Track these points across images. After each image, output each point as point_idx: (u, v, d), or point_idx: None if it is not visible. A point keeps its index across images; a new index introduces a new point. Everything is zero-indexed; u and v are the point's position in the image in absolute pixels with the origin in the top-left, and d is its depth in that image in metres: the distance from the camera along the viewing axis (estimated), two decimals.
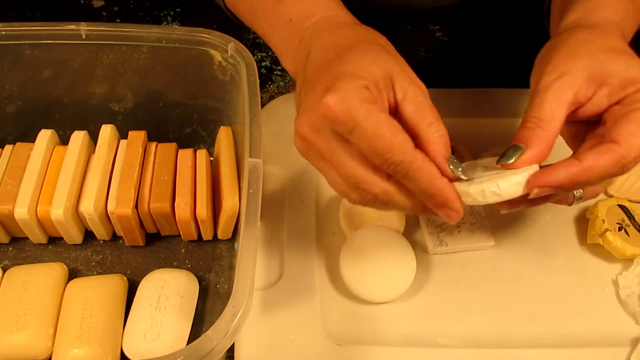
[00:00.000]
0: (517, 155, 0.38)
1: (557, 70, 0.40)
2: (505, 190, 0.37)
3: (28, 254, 0.52)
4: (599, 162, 0.36)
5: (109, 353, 0.44)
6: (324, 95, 0.35)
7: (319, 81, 0.37)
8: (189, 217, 0.49)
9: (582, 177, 0.37)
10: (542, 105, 0.39)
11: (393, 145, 0.35)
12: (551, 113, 0.39)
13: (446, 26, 0.72)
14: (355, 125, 0.35)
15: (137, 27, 0.51)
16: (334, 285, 0.50)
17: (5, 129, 0.56)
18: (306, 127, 0.37)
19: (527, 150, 0.38)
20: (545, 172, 0.37)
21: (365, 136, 0.35)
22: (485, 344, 0.47)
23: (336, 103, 0.35)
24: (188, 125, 0.58)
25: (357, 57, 0.38)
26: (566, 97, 0.39)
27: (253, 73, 0.48)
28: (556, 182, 0.37)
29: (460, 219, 0.38)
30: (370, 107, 0.35)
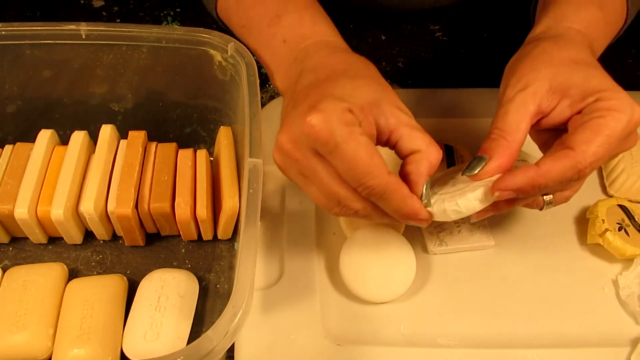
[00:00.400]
0: (481, 166, 0.39)
1: (520, 83, 0.41)
2: (465, 207, 0.39)
3: (28, 254, 0.52)
4: (555, 167, 0.38)
5: (109, 353, 0.44)
6: (308, 113, 0.36)
7: (305, 99, 0.38)
8: (189, 217, 0.49)
9: (540, 181, 0.38)
10: (505, 117, 0.40)
11: (369, 170, 0.36)
12: (514, 124, 0.40)
13: (446, 26, 0.72)
14: (335, 146, 0.36)
15: (137, 27, 0.51)
16: (334, 285, 0.50)
17: (5, 129, 0.56)
18: (288, 143, 0.38)
19: (490, 162, 0.40)
20: (506, 177, 0.39)
21: (344, 159, 0.36)
22: (485, 344, 0.47)
23: (319, 122, 0.36)
24: (188, 125, 0.58)
25: (346, 81, 0.39)
26: (529, 109, 0.40)
27: (253, 73, 0.48)
28: (515, 185, 0.38)
29: (429, 222, 0.41)
30: (351, 130, 0.36)
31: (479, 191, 0.39)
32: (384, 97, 0.39)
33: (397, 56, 0.69)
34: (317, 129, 0.36)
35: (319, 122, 0.36)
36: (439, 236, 0.52)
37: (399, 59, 0.69)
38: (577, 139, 0.38)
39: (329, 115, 0.36)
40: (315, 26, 0.47)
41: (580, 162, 0.38)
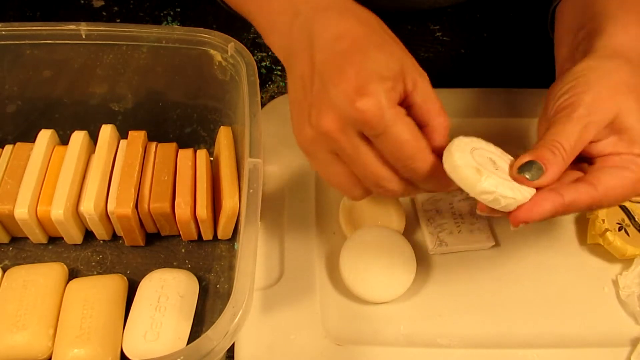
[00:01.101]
0: (539, 175, 0.39)
1: (594, 107, 0.40)
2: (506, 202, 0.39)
3: (28, 254, 0.52)
4: (579, 201, 0.39)
5: (109, 353, 0.44)
6: (356, 96, 0.35)
7: (341, 76, 0.37)
8: (189, 217, 0.49)
9: (561, 210, 0.39)
10: (570, 137, 0.40)
11: (415, 152, 0.37)
12: (575, 147, 0.40)
13: (446, 26, 0.72)
14: (384, 129, 0.36)
15: (137, 27, 0.51)
16: (334, 285, 0.50)
17: (5, 129, 0.56)
18: (332, 124, 0.37)
19: (546, 174, 0.39)
20: (535, 205, 0.39)
21: (392, 141, 0.37)
22: (485, 344, 0.47)
23: (370, 108, 0.35)
24: (188, 125, 0.58)
25: (376, 52, 0.38)
26: (590, 136, 0.40)
27: (253, 73, 0.48)
28: (542, 215, 0.39)
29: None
30: (397, 112, 0.37)
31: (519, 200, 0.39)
32: (407, 61, 0.39)
33: None
34: (369, 114, 0.35)
35: (371, 107, 0.35)
36: (439, 236, 0.52)
37: None
38: (604, 181, 0.39)
39: (379, 99, 0.35)
40: None
41: (602, 202, 0.39)
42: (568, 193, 0.39)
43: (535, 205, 0.39)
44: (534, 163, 0.39)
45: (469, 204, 0.53)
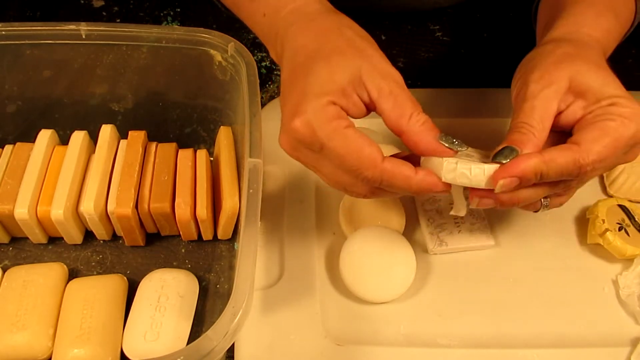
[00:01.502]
0: (513, 156, 0.39)
1: (544, 80, 0.41)
2: (475, 176, 0.39)
3: (28, 254, 0.52)
4: (558, 158, 0.38)
5: (109, 353, 0.44)
6: (292, 117, 0.38)
7: (289, 97, 0.40)
8: (189, 217, 0.49)
9: (542, 167, 0.38)
10: (532, 113, 0.41)
11: (360, 162, 0.37)
12: (541, 121, 0.40)
13: (446, 26, 0.72)
14: (321, 146, 0.38)
15: (137, 27, 0.51)
16: (334, 285, 0.50)
17: (5, 129, 0.56)
18: (286, 145, 0.40)
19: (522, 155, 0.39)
20: (509, 163, 0.39)
21: (333, 156, 0.38)
22: (485, 344, 0.47)
23: (301, 126, 0.37)
24: (188, 125, 0.58)
25: (322, 66, 0.39)
26: (553, 106, 0.41)
27: (253, 73, 0.48)
28: (519, 171, 0.38)
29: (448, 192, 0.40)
30: (335, 125, 0.37)
31: (491, 168, 0.39)
32: (362, 66, 0.39)
33: (397, 56, 0.69)
34: (301, 132, 0.37)
35: (301, 126, 0.37)
36: (439, 236, 0.52)
37: (399, 59, 0.69)
38: (584, 136, 0.39)
39: (310, 117, 0.37)
40: None
41: (584, 158, 0.38)
42: (548, 151, 0.38)
43: (513, 163, 0.38)
44: (506, 147, 0.40)
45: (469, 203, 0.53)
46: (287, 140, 0.40)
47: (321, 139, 0.37)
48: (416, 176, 0.38)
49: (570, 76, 0.41)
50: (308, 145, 0.38)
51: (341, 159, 0.37)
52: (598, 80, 0.41)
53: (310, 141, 0.38)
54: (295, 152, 0.40)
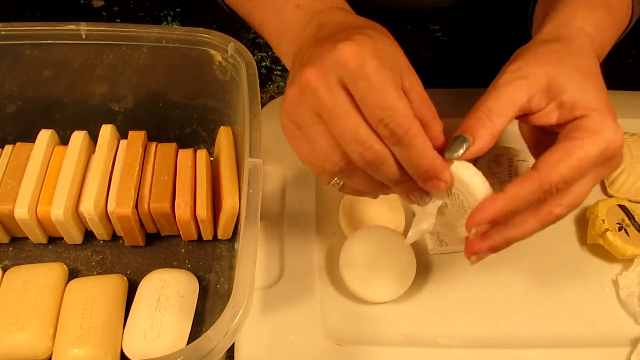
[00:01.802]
0: (464, 148, 0.38)
1: (521, 71, 0.40)
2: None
3: (28, 254, 0.52)
4: (521, 191, 0.37)
5: (109, 353, 0.44)
6: (339, 43, 0.35)
7: (332, 38, 0.37)
8: (189, 217, 0.49)
9: (510, 206, 0.38)
10: (497, 98, 0.40)
11: (396, 105, 0.35)
12: (503, 108, 0.39)
13: (446, 26, 0.72)
14: (364, 75, 0.35)
15: (137, 27, 0.51)
16: (334, 285, 0.50)
17: (5, 129, 0.56)
18: (312, 74, 0.36)
19: (473, 145, 0.39)
20: (476, 212, 0.38)
21: (372, 88, 0.35)
22: (485, 344, 0.47)
23: (351, 50, 0.35)
24: (188, 125, 0.58)
25: (370, 31, 0.38)
26: (520, 97, 0.40)
27: (253, 73, 0.48)
28: (488, 218, 0.38)
29: (449, 186, 0.39)
30: (381, 63, 0.35)
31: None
32: (406, 61, 0.39)
33: None
34: (348, 56, 0.35)
35: (351, 50, 0.35)
36: (439, 236, 0.52)
37: None
38: (546, 159, 0.38)
39: (361, 46, 0.35)
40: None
41: (545, 183, 0.37)
42: (509, 187, 0.38)
43: (479, 211, 0.38)
44: (458, 138, 0.39)
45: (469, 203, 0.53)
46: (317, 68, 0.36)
47: (367, 68, 0.35)
48: (433, 152, 0.37)
49: (550, 76, 0.40)
50: (350, 71, 0.35)
51: (379, 94, 0.35)
52: (577, 84, 0.40)
53: (356, 66, 0.34)
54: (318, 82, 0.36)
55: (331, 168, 0.38)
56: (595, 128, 0.38)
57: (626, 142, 0.57)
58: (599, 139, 0.37)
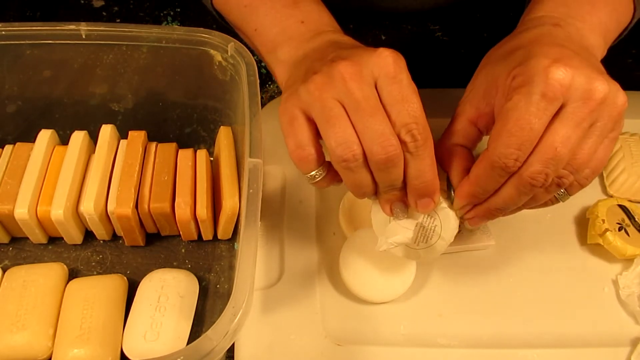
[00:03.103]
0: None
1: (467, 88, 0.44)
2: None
3: (28, 254, 0.52)
4: (479, 171, 0.39)
5: (109, 353, 0.44)
6: (380, 49, 0.38)
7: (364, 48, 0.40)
8: (189, 217, 0.49)
9: (476, 189, 0.40)
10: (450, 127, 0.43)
11: (422, 115, 0.37)
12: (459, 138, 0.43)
13: (446, 26, 0.72)
14: (400, 81, 0.37)
15: (137, 27, 0.51)
16: (334, 285, 0.50)
17: (5, 129, 0.56)
18: (347, 67, 0.37)
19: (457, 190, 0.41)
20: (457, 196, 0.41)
21: (405, 95, 0.37)
22: (485, 344, 0.47)
23: (392, 56, 0.37)
24: (188, 125, 0.58)
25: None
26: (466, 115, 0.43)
27: (253, 73, 0.48)
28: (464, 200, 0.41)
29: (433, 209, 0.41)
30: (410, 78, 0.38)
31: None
32: None
33: None
34: (390, 61, 0.37)
35: (393, 56, 0.37)
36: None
37: None
38: (491, 135, 0.38)
39: (400, 57, 0.38)
40: (332, 20, 0.48)
41: (497, 160, 0.37)
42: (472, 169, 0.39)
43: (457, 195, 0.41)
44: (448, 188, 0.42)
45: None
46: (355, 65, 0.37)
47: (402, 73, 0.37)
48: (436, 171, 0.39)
49: (485, 75, 0.42)
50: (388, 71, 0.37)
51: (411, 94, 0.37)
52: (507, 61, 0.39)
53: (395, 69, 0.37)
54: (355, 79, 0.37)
55: (344, 155, 0.38)
56: (521, 81, 0.36)
57: (626, 142, 0.57)
58: (529, 88, 0.35)
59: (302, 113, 0.39)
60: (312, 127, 0.39)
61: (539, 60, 0.36)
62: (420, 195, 0.40)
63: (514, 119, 0.35)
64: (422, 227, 0.43)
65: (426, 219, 0.43)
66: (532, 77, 0.35)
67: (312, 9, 0.48)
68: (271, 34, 0.48)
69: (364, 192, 0.41)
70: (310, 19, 0.47)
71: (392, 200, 0.41)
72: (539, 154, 0.36)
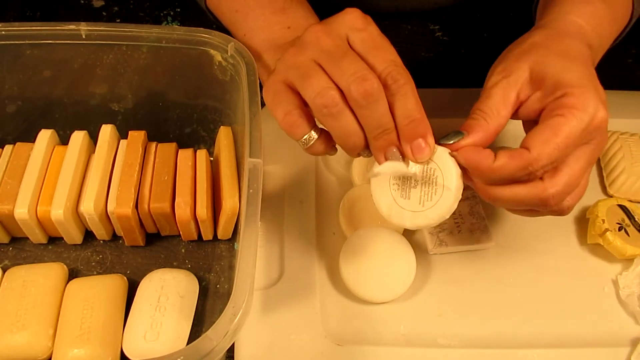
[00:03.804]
0: (458, 138, 0.40)
1: (505, 70, 0.42)
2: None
3: (28, 254, 0.52)
4: (509, 165, 0.38)
5: (109, 353, 0.44)
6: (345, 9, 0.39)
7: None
8: (189, 217, 0.49)
9: (491, 175, 0.39)
10: (487, 101, 0.41)
11: (398, 59, 0.38)
12: (495, 108, 0.41)
13: (446, 26, 0.72)
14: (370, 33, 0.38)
15: (137, 27, 0.51)
16: (334, 285, 0.50)
17: (5, 129, 0.56)
18: (315, 31, 0.39)
19: (467, 137, 0.40)
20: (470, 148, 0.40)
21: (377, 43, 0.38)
22: (485, 344, 0.47)
23: (358, 13, 0.39)
24: (188, 125, 0.58)
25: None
26: (510, 96, 0.41)
27: (253, 73, 0.48)
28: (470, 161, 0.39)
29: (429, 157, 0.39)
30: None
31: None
32: None
33: None
34: (355, 16, 0.39)
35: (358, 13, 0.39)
36: (439, 236, 0.52)
37: None
38: (535, 137, 0.38)
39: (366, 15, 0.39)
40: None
41: (533, 164, 0.38)
42: (500, 156, 0.39)
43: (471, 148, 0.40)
44: (454, 131, 0.41)
45: (469, 204, 0.53)
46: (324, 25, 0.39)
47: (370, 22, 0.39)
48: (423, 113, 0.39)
49: (531, 66, 0.41)
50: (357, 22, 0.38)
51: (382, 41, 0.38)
52: (557, 67, 0.40)
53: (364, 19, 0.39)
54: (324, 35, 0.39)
55: (323, 101, 0.38)
56: (576, 104, 0.38)
57: (626, 142, 0.57)
58: (581, 114, 0.38)
59: (283, 84, 0.40)
60: (296, 94, 0.40)
61: (592, 94, 0.39)
62: (411, 136, 0.38)
63: (564, 136, 0.38)
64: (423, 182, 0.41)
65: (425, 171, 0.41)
66: (586, 107, 0.38)
67: (300, 15, 0.49)
68: (258, 40, 0.49)
69: (354, 142, 0.39)
70: (296, 25, 0.48)
71: (385, 147, 0.39)
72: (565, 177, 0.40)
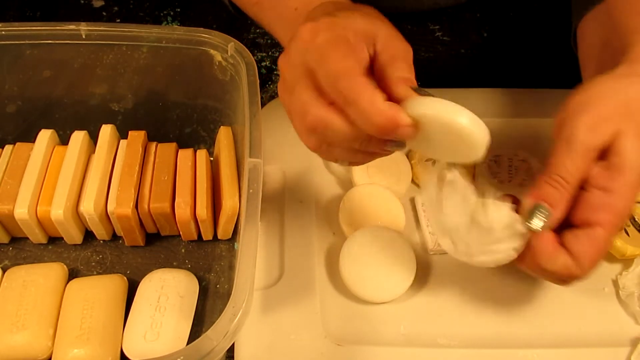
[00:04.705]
0: (545, 221, 0.39)
1: (593, 129, 0.38)
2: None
3: (28, 254, 0.52)
4: (554, 266, 0.39)
5: (109, 353, 0.44)
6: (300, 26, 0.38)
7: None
8: (189, 217, 0.49)
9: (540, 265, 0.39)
10: (571, 168, 0.38)
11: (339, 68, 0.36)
12: (577, 179, 0.39)
13: (446, 26, 0.72)
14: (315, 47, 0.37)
15: (137, 27, 0.51)
16: (334, 285, 0.50)
17: (5, 129, 0.56)
18: (280, 60, 0.40)
19: (553, 216, 0.39)
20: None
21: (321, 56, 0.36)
22: (485, 344, 0.47)
23: (307, 28, 0.38)
24: (188, 125, 0.58)
25: (346, 14, 0.40)
26: (590, 162, 0.39)
27: (253, 73, 0.48)
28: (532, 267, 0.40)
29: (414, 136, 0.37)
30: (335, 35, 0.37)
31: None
32: (383, 29, 0.40)
33: None
34: (304, 33, 0.38)
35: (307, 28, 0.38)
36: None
37: None
38: (578, 248, 0.38)
39: (318, 24, 0.38)
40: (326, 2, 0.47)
41: (576, 273, 0.39)
42: (573, 245, 0.39)
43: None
44: (539, 208, 0.39)
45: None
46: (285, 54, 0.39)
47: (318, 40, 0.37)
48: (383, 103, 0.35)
49: (615, 133, 0.38)
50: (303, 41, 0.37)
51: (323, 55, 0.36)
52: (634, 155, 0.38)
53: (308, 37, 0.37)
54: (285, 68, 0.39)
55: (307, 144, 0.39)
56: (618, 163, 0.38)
57: None
58: (616, 220, 0.38)
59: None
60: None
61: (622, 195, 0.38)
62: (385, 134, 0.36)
63: (602, 248, 0.39)
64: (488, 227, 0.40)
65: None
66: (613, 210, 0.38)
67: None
68: (280, 29, 0.49)
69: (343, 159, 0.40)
70: (301, 3, 0.46)
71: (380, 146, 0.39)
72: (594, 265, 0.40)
